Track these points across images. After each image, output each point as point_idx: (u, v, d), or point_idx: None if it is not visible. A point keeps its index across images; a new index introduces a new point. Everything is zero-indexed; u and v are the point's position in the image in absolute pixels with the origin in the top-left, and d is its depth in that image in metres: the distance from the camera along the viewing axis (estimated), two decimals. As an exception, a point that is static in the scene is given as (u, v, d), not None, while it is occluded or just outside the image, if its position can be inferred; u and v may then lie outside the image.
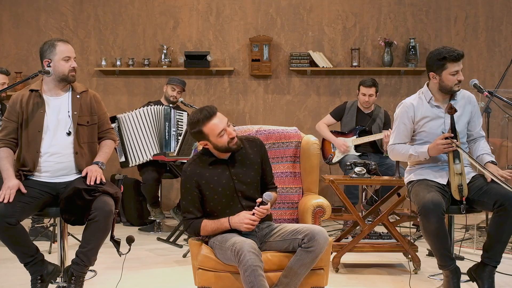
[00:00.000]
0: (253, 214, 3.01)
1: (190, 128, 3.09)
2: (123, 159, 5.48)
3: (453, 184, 3.43)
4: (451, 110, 3.43)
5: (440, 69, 3.54)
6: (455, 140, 3.42)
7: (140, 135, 5.48)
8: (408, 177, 3.73)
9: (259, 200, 3.03)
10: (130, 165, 5.47)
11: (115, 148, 5.35)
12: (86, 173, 3.31)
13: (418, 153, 3.56)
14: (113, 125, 5.41)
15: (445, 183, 3.51)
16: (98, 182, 3.27)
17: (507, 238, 3.39)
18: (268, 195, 3.02)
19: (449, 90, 3.56)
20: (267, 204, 3.02)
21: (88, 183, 3.25)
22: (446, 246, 3.39)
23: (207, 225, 3.08)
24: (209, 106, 3.09)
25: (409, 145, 3.66)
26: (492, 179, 3.39)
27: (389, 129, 5.26)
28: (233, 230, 3.06)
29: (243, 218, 3.00)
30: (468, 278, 3.51)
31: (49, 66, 3.38)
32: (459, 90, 3.58)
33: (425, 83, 3.69)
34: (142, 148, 5.47)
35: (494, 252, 3.39)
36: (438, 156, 3.56)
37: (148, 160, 5.43)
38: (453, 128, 3.45)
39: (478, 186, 3.46)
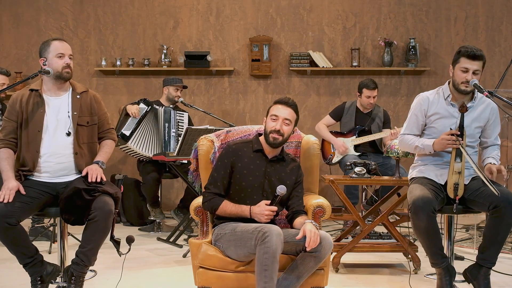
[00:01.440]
0: (271, 204, 3.07)
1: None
2: (127, 133, 5.38)
3: (450, 181, 3.43)
4: (462, 108, 3.42)
5: (455, 62, 3.53)
6: (460, 139, 3.41)
7: (150, 131, 5.49)
8: (411, 173, 3.74)
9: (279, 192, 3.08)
10: (129, 143, 5.36)
11: (126, 115, 5.36)
12: (87, 172, 3.32)
13: (423, 145, 3.55)
14: (143, 105, 5.42)
15: (443, 183, 3.51)
16: (98, 180, 3.27)
17: (503, 240, 3.39)
18: (281, 187, 3.05)
19: (457, 88, 3.52)
20: (276, 200, 3.06)
21: (89, 180, 3.25)
22: (437, 244, 3.39)
23: (228, 206, 3.13)
24: (292, 100, 3.27)
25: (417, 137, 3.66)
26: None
27: (394, 127, 5.28)
28: (247, 221, 3.11)
29: (263, 209, 3.05)
30: (464, 279, 3.51)
31: (45, 65, 3.39)
32: (466, 90, 3.50)
33: (447, 81, 3.66)
34: (147, 142, 5.48)
35: (490, 253, 3.39)
36: (443, 153, 3.56)
37: (148, 158, 5.43)
38: (460, 126, 3.44)
39: (475, 187, 3.45)
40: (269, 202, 3.09)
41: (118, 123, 5.45)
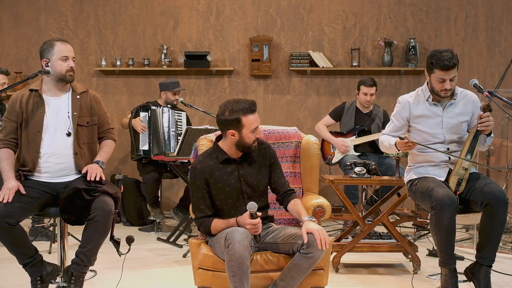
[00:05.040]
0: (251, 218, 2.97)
1: (230, 113, 3.04)
2: (146, 147, 5.46)
3: (454, 176, 3.44)
4: (486, 108, 3.43)
5: (429, 70, 3.58)
6: (414, 141, 3.52)
7: (155, 133, 5.51)
8: (407, 176, 3.75)
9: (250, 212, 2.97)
10: (151, 155, 5.45)
11: (139, 136, 5.39)
12: (86, 171, 3.31)
13: (390, 145, 3.67)
14: (143, 113, 5.47)
15: (443, 179, 3.53)
16: (98, 179, 3.27)
17: (498, 237, 3.40)
18: (251, 204, 2.94)
19: (436, 94, 3.59)
20: (254, 215, 2.94)
21: (88, 179, 3.25)
22: (452, 244, 3.41)
23: (218, 224, 3.09)
24: (252, 100, 3.09)
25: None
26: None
27: None
28: None
29: (245, 223, 2.97)
30: (466, 278, 3.52)
31: (47, 66, 3.38)
32: (445, 97, 3.58)
33: (425, 82, 3.70)
34: (154, 144, 5.50)
35: (487, 251, 3.40)
36: (437, 155, 3.57)
37: (148, 158, 5.44)
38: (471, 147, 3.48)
39: (469, 185, 3.47)
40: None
41: (132, 141, 5.53)
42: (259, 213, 2.98)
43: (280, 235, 3.09)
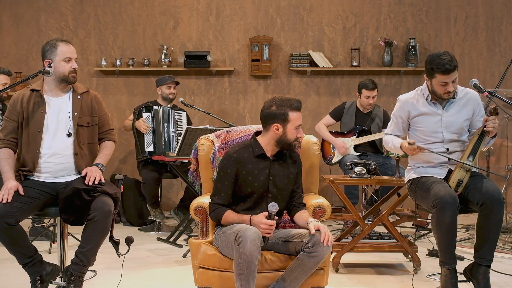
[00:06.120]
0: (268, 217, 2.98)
1: (277, 107, 3.12)
2: (151, 148, 5.49)
3: (455, 176, 3.44)
4: (493, 111, 3.43)
5: (430, 76, 3.57)
6: (422, 146, 3.54)
7: (158, 132, 5.52)
8: (408, 175, 3.75)
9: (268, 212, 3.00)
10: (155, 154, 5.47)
11: (144, 136, 5.39)
12: (86, 173, 3.31)
13: (394, 146, 3.70)
14: (145, 114, 5.48)
15: (443, 177, 3.54)
16: (97, 182, 3.27)
17: (495, 236, 3.40)
18: (273, 205, 2.97)
19: (440, 97, 3.59)
20: (272, 216, 2.97)
21: (86, 183, 3.25)
22: (453, 243, 3.41)
23: (230, 216, 3.10)
24: (298, 99, 3.17)
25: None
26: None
27: None
28: None
29: (260, 222, 2.97)
30: (465, 278, 3.52)
31: (50, 67, 3.38)
32: (448, 99, 3.59)
33: (425, 82, 3.70)
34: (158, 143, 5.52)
35: (484, 251, 3.41)
36: (437, 156, 3.58)
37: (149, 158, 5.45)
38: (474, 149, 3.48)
39: (467, 184, 3.48)
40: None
41: (137, 144, 5.54)
42: (276, 217, 3.00)
43: (284, 235, 3.10)
